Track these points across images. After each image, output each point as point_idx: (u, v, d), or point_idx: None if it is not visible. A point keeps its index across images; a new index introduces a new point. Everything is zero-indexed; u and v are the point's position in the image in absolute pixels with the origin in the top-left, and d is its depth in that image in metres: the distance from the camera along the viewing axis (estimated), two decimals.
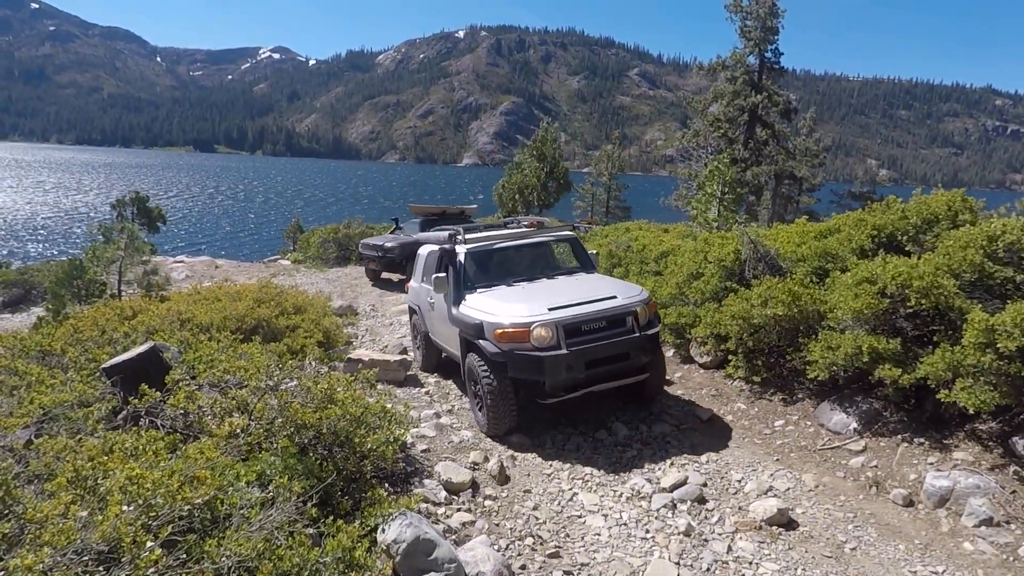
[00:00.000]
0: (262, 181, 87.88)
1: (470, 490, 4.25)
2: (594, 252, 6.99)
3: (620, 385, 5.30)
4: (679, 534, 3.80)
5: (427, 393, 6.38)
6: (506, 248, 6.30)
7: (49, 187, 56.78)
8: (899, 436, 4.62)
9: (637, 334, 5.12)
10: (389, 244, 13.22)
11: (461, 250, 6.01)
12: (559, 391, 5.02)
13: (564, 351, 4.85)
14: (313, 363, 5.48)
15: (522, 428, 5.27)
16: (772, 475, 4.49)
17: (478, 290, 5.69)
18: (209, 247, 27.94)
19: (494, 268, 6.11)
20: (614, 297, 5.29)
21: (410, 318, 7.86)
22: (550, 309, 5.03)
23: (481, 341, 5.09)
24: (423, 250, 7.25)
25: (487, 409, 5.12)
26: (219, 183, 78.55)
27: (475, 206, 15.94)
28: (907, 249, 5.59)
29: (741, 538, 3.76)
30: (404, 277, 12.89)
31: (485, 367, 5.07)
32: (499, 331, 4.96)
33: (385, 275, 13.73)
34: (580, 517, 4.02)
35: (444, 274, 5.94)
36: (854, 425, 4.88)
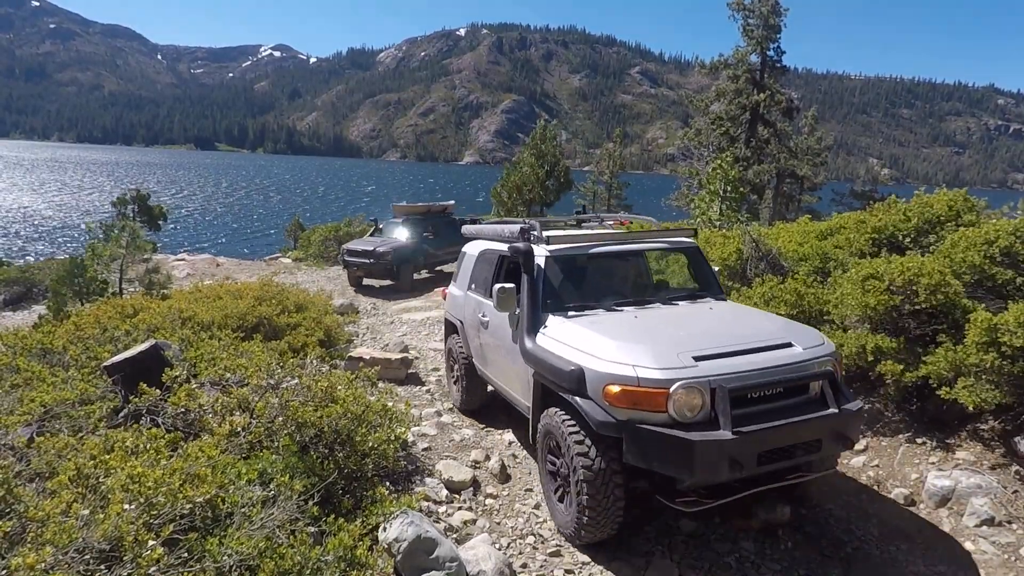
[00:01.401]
0: (264, 179, 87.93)
1: (471, 488, 4.24)
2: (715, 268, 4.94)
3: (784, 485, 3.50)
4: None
5: (428, 391, 6.38)
6: (608, 255, 4.60)
7: (55, 186, 56.68)
8: (901, 436, 4.61)
9: (835, 409, 3.21)
10: (382, 249, 12.16)
11: (541, 252, 4.22)
12: (705, 495, 3.30)
13: (727, 433, 2.95)
14: (314, 361, 5.47)
15: (523, 424, 5.26)
16: None
17: (568, 314, 3.93)
18: (211, 245, 27.97)
19: (589, 283, 4.53)
20: (790, 345, 3.40)
21: (445, 337, 6.12)
22: (697, 359, 3.16)
23: (579, 399, 3.29)
24: (472, 248, 5.65)
25: (579, 506, 3.32)
26: (220, 181, 78.59)
27: (452, 202, 15.26)
28: (909, 250, 5.59)
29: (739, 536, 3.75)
30: (395, 283, 12.37)
31: (582, 440, 3.30)
32: (614, 387, 3.13)
33: (367, 281, 12.94)
34: None
35: (511, 285, 4.20)
36: None
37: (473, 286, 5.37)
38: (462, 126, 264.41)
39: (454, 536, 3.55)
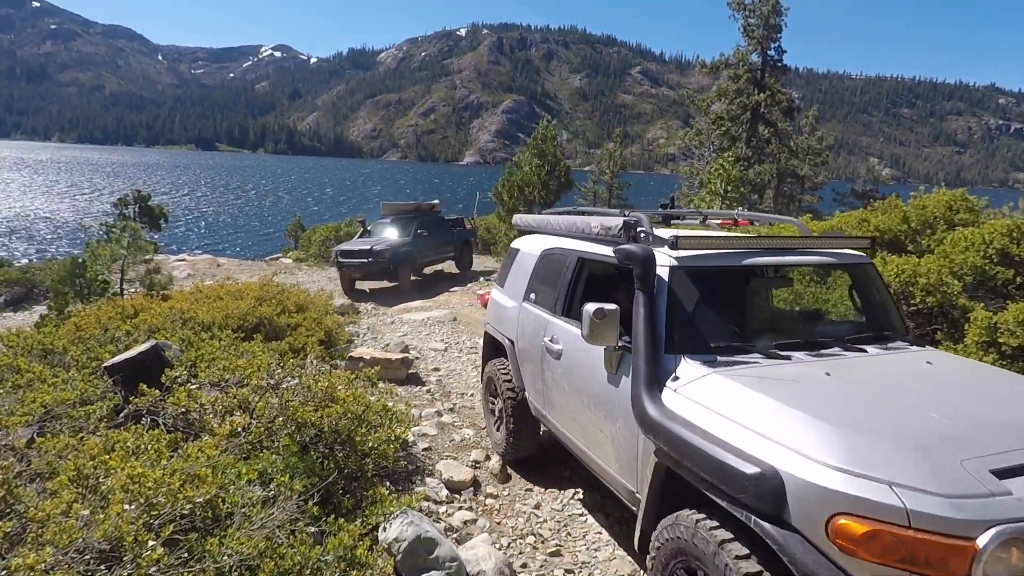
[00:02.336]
0: (267, 180, 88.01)
1: (471, 488, 4.24)
2: None
3: None
4: None
5: (428, 391, 6.38)
6: (769, 271, 3.45)
7: (62, 187, 56.56)
8: None
9: None
10: (379, 247, 11.80)
11: (666, 260, 2.87)
12: None
13: None
14: (314, 361, 5.48)
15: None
16: None
17: (716, 362, 2.58)
18: (211, 245, 27.99)
19: (737, 312, 3.23)
20: None
21: (483, 359, 4.98)
22: (999, 474, 1.79)
23: (768, 525, 1.92)
24: (529, 244, 4.45)
25: None
26: (220, 182, 78.68)
27: (437, 201, 14.83)
28: (909, 250, 5.59)
29: None
30: (393, 284, 12.06)
31: None
32: (855, 523, 1.74)
33: (360, 285, 12.46)
34: (582, 515, 4.01)
35: (613, 307, 2.80)
36: None
37: (533, 296, 4.09)
38: (463, 126, 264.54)
39: (454, 536, 3.55)
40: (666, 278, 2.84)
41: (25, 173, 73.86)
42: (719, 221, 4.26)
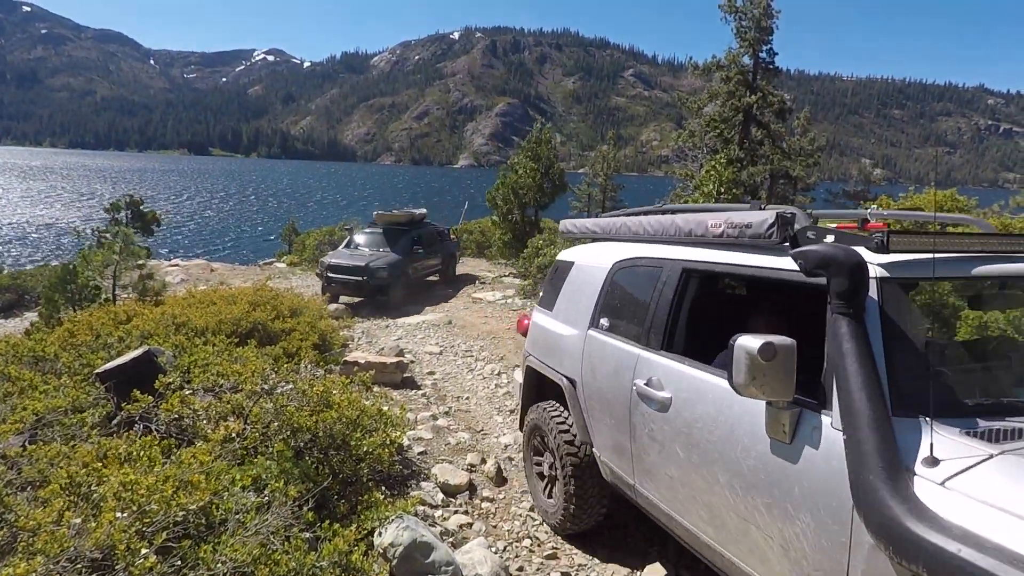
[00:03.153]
0: (260, 184, 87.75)
1: (467, 492, 4.24)
2: None
3: None
4: None
5: (424, 395, 6.37)
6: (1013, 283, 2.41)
7: (67, 196, 55.90)
8: None
9: None
10: (375, 264, 10.94)
11: (880, 271, 1.95)
12: None
13: None
14: (309, 366, 5.46)
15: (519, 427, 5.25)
16: None
17: (987, 435, 1.68)
18: (205, 250, 27.87)
19: (982, 349, 2.66)
20: None
21: (524, 402, 4.06)
22: None
23: None
24: (593, 258, 3.53)
25: None
26: (214, 186, 78.41)
27: (424, 210, 14.04)
28: None
29: None
30: (384, 300, 11.11)
31: None
32: None
33: (344, 298, 11.46)
34: None
35: (790, 341, 1.88)
36: None
37: (605, 323, 3.19)
38: (456, 129, 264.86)
39: (450, 540, 3.54)
40: (876, 296, 1.90)
41: (23, 179, 73.31)
42: (835, 224, 2.63)
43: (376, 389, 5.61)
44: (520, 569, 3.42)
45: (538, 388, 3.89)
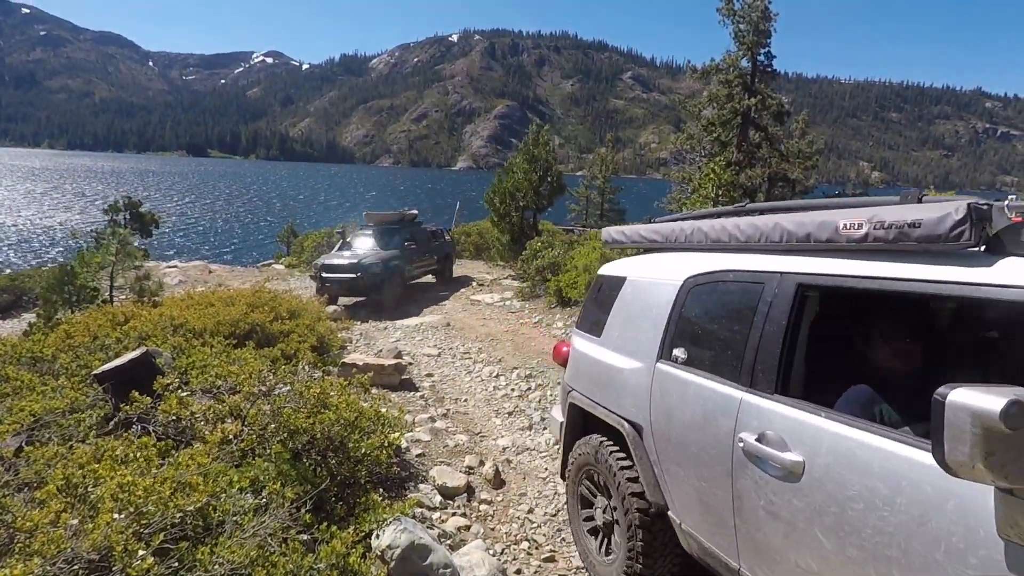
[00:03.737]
0: (259, 186, 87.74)
1: (465, 494, 4.23)
2: None
3: None
4: None
5: (422, 397, 6.36)
6: None
7: (69, 198, 55.75)
8: None
9: None
10: (368, 261, 11.03)
11: None
12: None
13: None
14: (307, 368, 5.45)
15: (517, 429, 5.26)
16: None
17: None
18: (203, 252, 27.85)
19: None
20: None
21: (566, 439, 3.44)
22: None
23: None
24: (654, 272, 2.86)
25: None
26: (213, 188, 78.39)
27: (416, 211, 14.19)
28: None
29: None
30: (379, 300, 11.11)
31: None
32: None
33: (343, 300, 11.52)
34: None
35: None
36: None
37: (681, 356, 2.50)
38: (455, 131, 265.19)
39: (448, 542, 3.53)
40: None
41: (23, 180, 73.16)
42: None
43: (374, 391, 5.62)
44: (518, 571, 3.41)
45: (584, 430, 3.27)
